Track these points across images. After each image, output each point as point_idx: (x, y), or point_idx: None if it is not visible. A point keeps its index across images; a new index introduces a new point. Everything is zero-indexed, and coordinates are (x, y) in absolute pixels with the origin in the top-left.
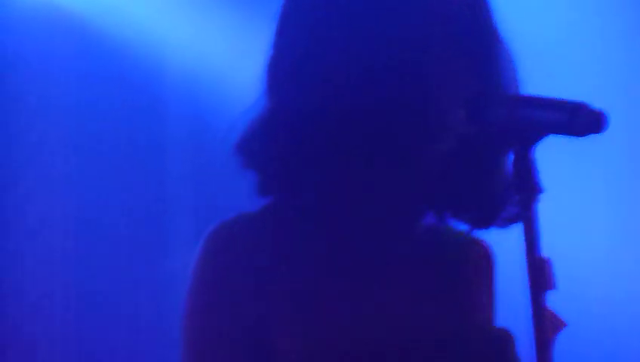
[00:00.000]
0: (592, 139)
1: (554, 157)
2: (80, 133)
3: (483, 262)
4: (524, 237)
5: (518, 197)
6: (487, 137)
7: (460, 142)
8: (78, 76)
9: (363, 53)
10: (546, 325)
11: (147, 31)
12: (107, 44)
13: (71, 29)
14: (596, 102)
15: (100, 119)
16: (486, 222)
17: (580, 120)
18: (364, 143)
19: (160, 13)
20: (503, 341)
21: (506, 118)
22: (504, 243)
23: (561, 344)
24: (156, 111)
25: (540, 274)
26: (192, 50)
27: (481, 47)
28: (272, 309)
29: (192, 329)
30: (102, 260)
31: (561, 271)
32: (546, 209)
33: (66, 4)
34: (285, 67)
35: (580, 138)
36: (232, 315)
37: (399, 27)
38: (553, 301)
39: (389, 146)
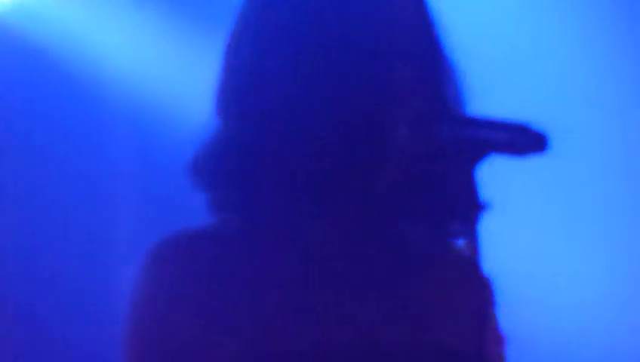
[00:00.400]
0: (538, 159)
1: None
2: (19, 151)
3: (468, 284)
4: (466, 254)
5: (462, 215)
6: (432, 154)
7: (405, 159)
8: (21, 96)
9: (309, 72)
10: (489, 341)
11: (89, 49)
12: (47, 63)
13: (11, 46)
14: (542, 120)
15: (40, 138)
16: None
17: (523, 140)
18: (314, 160)
19: (102, 32)
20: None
21: (451, 136)
22: None
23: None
24: (99, 130)
25: (482, 291)
26: (136, 68)
27: (428, 63)
28: (217, 327)
29: (133, 346)
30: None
31: (509, 287)
32: (496, 226)
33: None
34: (234, 87)
35: (523, 157)
36: (174, 333)
37: (345, 45)
38: (502, 316)
39: (337, 161)
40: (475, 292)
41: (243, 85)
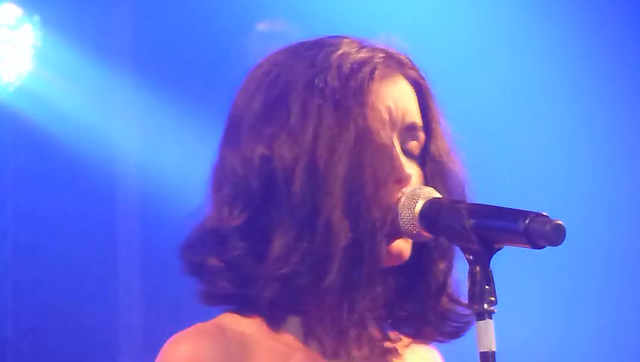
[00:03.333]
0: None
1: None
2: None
3: None
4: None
5: (471, 308)
6: (440, 246)
7: (413, 250)
8: (28, 179)
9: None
10: None
11: (98, 136)
12: (58, 150)
13: (20, 133)
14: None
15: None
16: (436, 335)
17: (537, 231)
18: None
19: (110, 120)
20: None
21: (462, 227)
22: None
23: None
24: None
25: None
26: (142, 155)
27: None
28: None
29: None
30: None
31: None
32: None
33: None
34: (229, 172)
35: (538, 249)
36: None
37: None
38: None
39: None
40: None
41: (236, 174)
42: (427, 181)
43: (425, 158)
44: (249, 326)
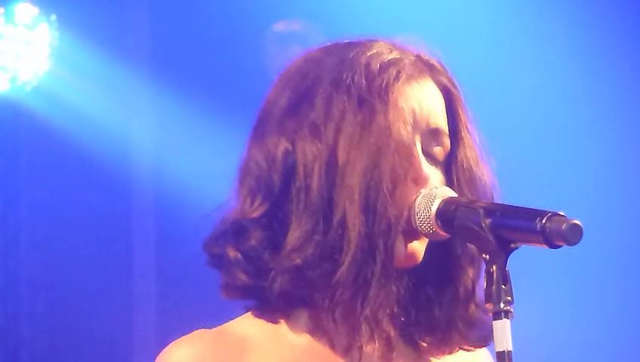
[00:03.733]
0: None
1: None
2: (49, 233)
3: None
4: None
5: (490, 309)
6: (469, 252)
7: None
8: (44, 176)
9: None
10: None
11: (114, 135)
12: (74, 149)
13: (36, 131)
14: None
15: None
16: (463, 342)
17: (554, 230)
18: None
19: (126, 119)
20: None
21: (478, 226)
22: None
23: None
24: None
25: None
26: (157, 154)
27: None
28: None
29: None
30: None
31: None
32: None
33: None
34: (253, 166)
35: (554, 248)
36: None
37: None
38: None
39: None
40: None
41: (262, 171)
42: (454, 188)
43: (450, 165)
44: (254, 330)
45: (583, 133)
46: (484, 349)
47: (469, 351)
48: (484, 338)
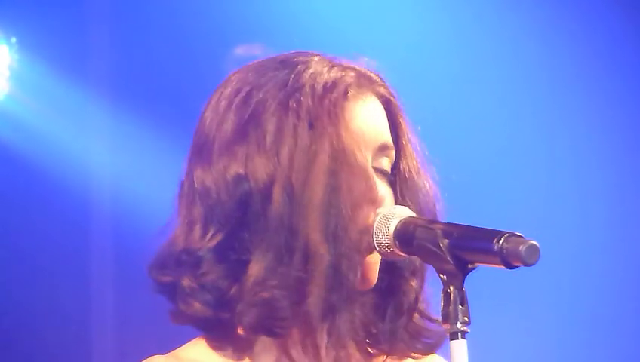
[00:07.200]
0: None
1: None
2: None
3: None
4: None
5: (443, 327)
6: (412, 264)
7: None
8: (2, 200)
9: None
10: None
11: (73, 159)
12: (33, 172)
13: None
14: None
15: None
16: (409, 351)
17: (511, 251)
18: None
19: (85, 142)
20: None
21: (436, 246)
22: None
23: None
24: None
25: None
26: (116, 177)
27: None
28: None
29: None
30: None
31: None
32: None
33: None
34: (201, 191)
35: (511, 269)
36: None
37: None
38: None
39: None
40: None
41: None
42: (397, 199)
43: (395, 176)
44: (210, 356)
45: (528, 137)
46: (436, 355)
47: (417, 359)
48: (431, 347)
